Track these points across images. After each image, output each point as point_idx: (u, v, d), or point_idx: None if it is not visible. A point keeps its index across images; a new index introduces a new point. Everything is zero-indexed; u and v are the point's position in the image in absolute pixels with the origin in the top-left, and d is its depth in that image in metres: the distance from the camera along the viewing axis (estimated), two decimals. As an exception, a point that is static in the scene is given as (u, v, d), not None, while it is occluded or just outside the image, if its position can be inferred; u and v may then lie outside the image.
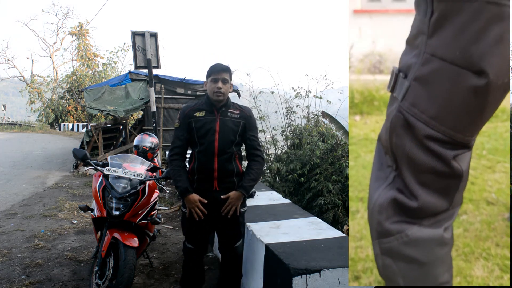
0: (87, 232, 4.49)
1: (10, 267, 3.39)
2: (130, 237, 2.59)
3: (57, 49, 30.31)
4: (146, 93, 9.22)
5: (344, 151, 6.66)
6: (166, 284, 3.10)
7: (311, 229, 2.74)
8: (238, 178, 2.47)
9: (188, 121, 2.40)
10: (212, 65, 2.43)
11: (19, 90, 28.64)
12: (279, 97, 8.37)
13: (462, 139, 1.24)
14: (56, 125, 27.03)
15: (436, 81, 1.21)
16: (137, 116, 16.39)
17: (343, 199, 6.01)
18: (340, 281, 2.06)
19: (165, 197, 6.06)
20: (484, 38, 1.09)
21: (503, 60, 1.12)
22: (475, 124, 1.22)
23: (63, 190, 7.02)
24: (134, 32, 6.68)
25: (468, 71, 1.14)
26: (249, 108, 2.56)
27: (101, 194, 2.70)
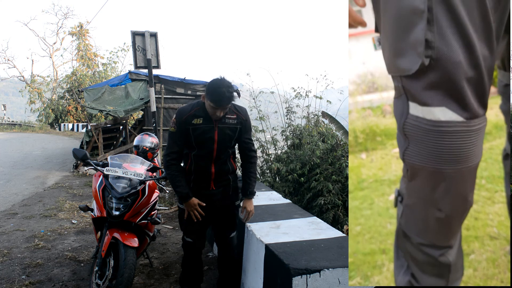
0: (87, 232, 4.49)
1: (10, 267, 3.39)
2: (130, 237, 2.59)
3: (57, 49, 30.28)
4: (146, 93, 9.21)
5: (344, 151, 6.67)
6: (166, 284, 3.11)
7: (311, 229, 2.74)
8: (233, 175, 2.61)
9: (185, 128, 2.37)
10: (214, 88, 2.21)
11: (19, 90, 28.62)
12: (279, 97, 8.37)
13: (444, 243, 1.60)
14: (56, 125, 27.01)
15: (416, 211, 1.60)
16: (137, 116, 16.39)
17: (343, 199, 6.02)
18: (340, 281, 2.06)
19: (165, 197, 6.06)
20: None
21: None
22: (450, 235, 1.58)
23: (63, 190, 7.02)
24: (134, 32, 6.68)
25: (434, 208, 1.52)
26: (245, 110, 2.53)
27: (101, 194, 2.70)
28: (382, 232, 2.37)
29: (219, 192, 2.54)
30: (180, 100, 10.25)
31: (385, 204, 2.55)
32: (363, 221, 2.49)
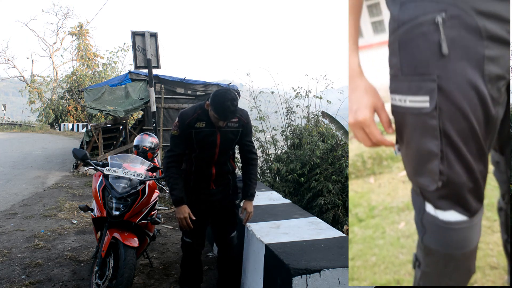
0: (87, 232, 4.49)
1: (10, 267, 3.39)
2: (130, 237, 2.59)
3: (57, 49, 30.27)
4: (146, 93, 9.21)
5: (344, 151, 6.67)
6: (166, 284, 3.11)
7: (311, 229, 2.74)
8: (233, 175, 2.63)
9: (188, 131, 2.38)
10: (220, 103, 2.20)
11: (19, 90, 28.61)
12: (279, 97, 8.38)
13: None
14: (56, 125, 27.00)
15: (431, 279, 1.76)
16: (137, 116, 16.39)
17: (343, 199, 6.02)
18: (340, 281, 2.06)
19: (165, 197, 6.05)
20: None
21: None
22: None
23: (63, 190, 7.02)
24: (134, 32, 6.68)
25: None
26: (247, 112, 2.54)
27: (101, 194, 2.70)
28: (395, 263, 2.43)
29: (219, 191, 2.55)
30: (180, 100, 10.25)
31: (396, 234, 2.63)
32: (378, 251, 2.53)
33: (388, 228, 2.70)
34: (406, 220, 2.73)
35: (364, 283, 2.26)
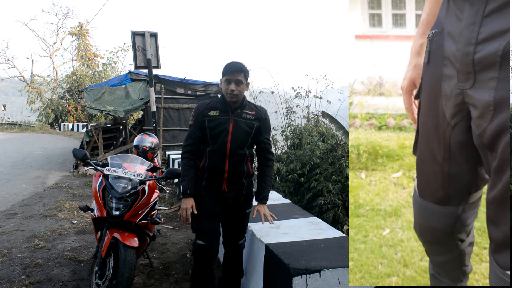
0: (87, 232, 4.49)
1: (10, 267, 3.39)
2: (130, 237, 2.59)
3: (57, 49, 30.31)
4: (146, 93, 9.21)
5: (344, 151, 6.66)
6: (166, 284, 3.10)
7: (311, 229, 2.74)
8: (248, 180, 2.49)
9: (201, 120, 2.37)
10: (227, 63, 2.35)
11: (19, 90, 28.61)
12: (279, 97, 8.37)
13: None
14: (56, 125, 27.02)
15: None
16: (137, 116, 16.39)
17: (343, 199, 6.01)
18: (340, 281, 2.06)
19: (165, 197, 6.06)
20: None
21: None
22: None
23: (63, 190, 7.02)
24: (134, 32, 6.69)
25: None
26: (265, 109, 2.49)
27: (101, 194, 2.70)
28: (372, 273, 2.23)
29: (231, 196, 2.43)
30: (180, 100, 10.26)
31: (379, 240, 2.44)
32: (356, 256, 2.36)
33: (371, 232, 2.52)
34: (391, 228, 2.55)
35: (365, 283, 2.23)
